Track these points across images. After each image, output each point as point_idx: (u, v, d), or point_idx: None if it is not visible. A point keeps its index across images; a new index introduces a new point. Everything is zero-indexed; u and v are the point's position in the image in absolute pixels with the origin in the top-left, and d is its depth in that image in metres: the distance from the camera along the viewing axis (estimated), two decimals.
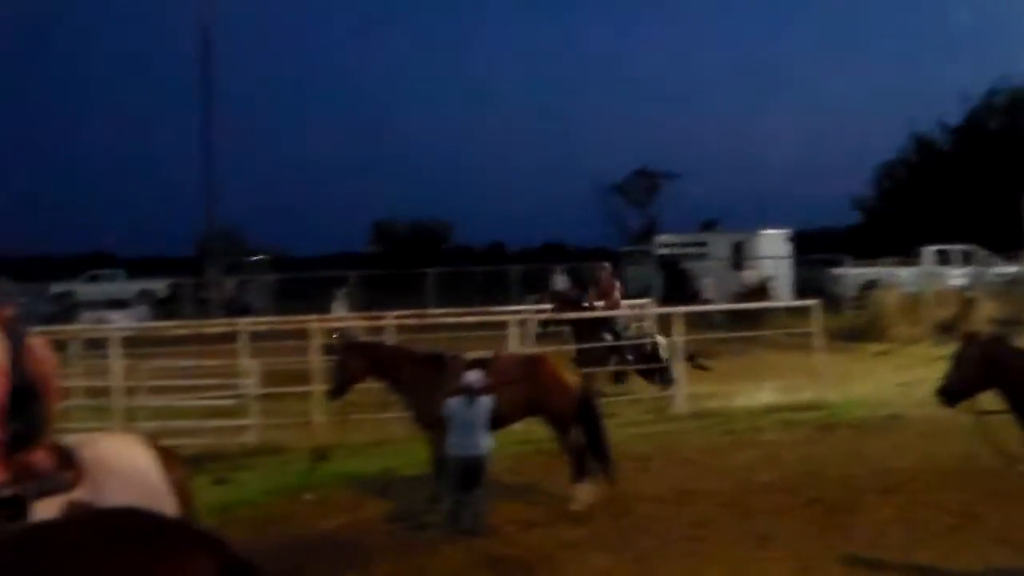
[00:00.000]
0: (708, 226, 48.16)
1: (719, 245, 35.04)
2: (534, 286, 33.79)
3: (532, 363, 9.73)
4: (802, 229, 41.00)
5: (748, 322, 21.28)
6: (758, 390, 14.25)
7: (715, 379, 14.76)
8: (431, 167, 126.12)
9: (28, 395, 4.99)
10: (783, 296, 28.87)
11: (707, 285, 30.48)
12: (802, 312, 16.12)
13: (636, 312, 16.04)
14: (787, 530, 8.23)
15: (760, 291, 27.97)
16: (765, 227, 34.84)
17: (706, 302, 26.77)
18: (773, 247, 33.73)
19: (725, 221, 50.93)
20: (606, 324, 14.71)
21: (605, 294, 15.50)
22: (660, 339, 14.66)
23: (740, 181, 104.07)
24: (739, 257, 33.64)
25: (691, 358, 14.65)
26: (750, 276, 30.83)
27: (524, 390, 9.24)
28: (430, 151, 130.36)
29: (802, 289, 29.81)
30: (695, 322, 16.02)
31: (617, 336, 14.60)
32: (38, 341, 5.48)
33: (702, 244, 36.24)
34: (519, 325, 14.32)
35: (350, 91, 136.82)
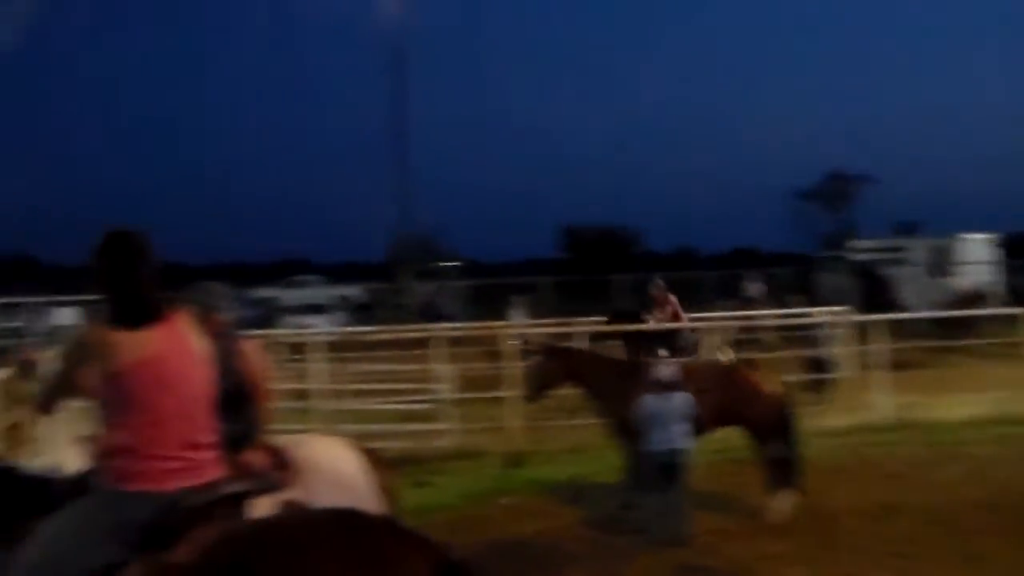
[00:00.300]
0: (906, 230, 46.52)
1: (918, 251, 33.69)
2: (726, 292, 33.25)
3: (729, 371, 9.57)
4: (1009, 232, 38.99)
5: (954, 331, 20.39)
6: (965, 401, 13.59)
7: (919, 389, 14.17)
8: (622, 172, 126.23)
9: (241, 397, 5.21)
10: (994, 304, 27.48)
11: (906, 292, 29.38)
12: (1013, 321, 15.34)
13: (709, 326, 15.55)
14: (999, 550, 7.79)
15: (975, 299, 26.60)
16: (968, 231, 33.36)
17: (904, 311, 25.74)
18: (977, 252, 32.23)
19: (925, 225, 49.08)
20: (661, 339, 14.33)
21: (660, 309, 15.26)
22: (727, 355, 14.13)
23: (941, 183, 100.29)
24: (940, 263, 32.28)
25: None
26: (962, 283, 29.48)
27: (721, 398, 9.09)
28: (621, 155, 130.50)
29: (1018, 296, 28.21)
30: (897, 331, 15.41)
31: (676, 351, 14.11)
32: (250, 345, 5.71)
33: (900, 250, 34.93)
34: (712, 333, 14.11)
35: (540, 97, 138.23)
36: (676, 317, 14.86)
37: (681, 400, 8.53)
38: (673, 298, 15.12)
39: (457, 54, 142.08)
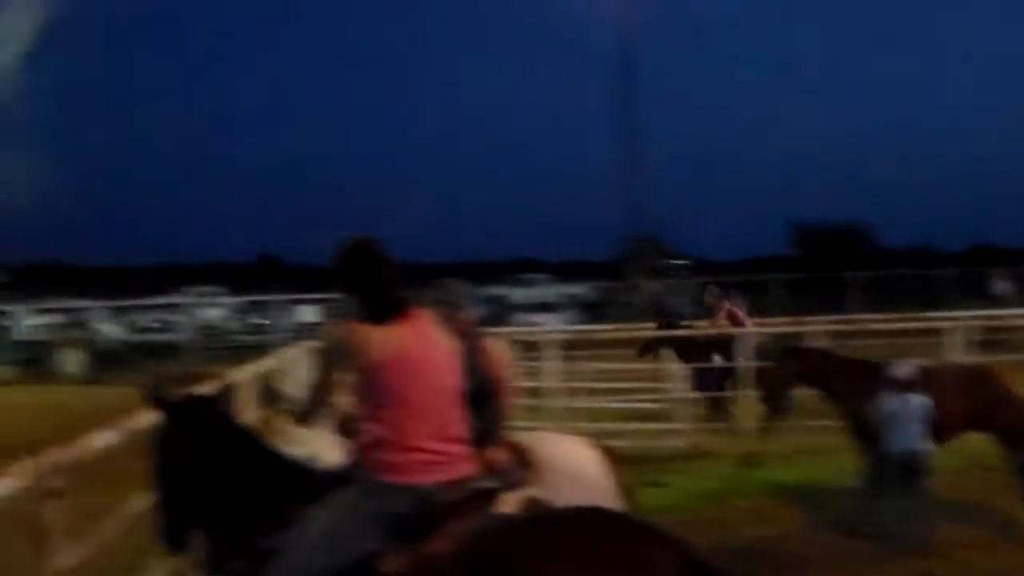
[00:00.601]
0: None
1: None
2: (969, 291, 31.75)
3: (979, 374, 9.16)
4: None
5: None
6: None
7: None
8: (854, 166, 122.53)
9: (485, 395, 5.34)
10: None
11: None
12: None
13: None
14: None
15: None
16: None
17: None
18: None
19: None
20: (716, 347, 13.69)
21: (713, 316, 14.73)
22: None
23: None
24: None
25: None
26: None
27: (969, 402, 8.69)
28: (858, 150, 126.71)
29: None
30: None
31: (731, 360, 13.38)
32: (494, 343, 5.85)
33: None
34: (956, 333, 13.52)
35: (770, 94, 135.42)
36: (735, 324, 14.44)
37: (919, 401, 8.25)
38: (727, 304, 14.78)
39: (686, 50, 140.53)
